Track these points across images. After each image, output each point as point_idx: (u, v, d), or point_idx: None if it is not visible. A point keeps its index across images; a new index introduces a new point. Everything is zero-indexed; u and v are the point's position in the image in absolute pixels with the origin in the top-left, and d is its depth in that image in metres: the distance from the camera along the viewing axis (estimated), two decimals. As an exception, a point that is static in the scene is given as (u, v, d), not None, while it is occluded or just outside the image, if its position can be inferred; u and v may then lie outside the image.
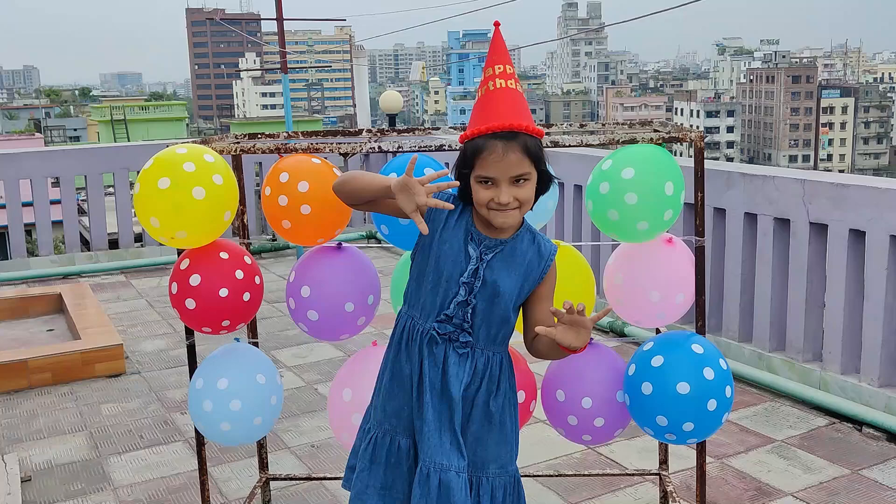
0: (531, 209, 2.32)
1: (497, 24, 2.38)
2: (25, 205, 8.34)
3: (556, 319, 2.22)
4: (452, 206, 2.27)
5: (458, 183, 2.25)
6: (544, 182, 2.29)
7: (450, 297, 2.30)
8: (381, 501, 2.37)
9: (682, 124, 3.46)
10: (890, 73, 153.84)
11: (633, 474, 3.93)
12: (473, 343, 2.33)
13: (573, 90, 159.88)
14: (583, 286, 3.07)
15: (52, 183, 9.05)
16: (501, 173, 2.19)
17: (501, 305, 2.31)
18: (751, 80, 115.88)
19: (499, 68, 2.28)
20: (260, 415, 3.14)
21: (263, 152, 3.22)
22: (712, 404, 2.84)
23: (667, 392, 2.84)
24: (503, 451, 2.41)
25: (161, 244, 4.22)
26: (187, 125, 78.30)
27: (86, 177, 8.64)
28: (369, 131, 3.56)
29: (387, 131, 3.59)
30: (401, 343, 2.39)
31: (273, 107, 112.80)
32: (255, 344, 3.53)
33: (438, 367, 2.32)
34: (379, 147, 3.11)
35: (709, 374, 2.85)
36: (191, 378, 3.21)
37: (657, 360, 2.89)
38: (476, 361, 2.33)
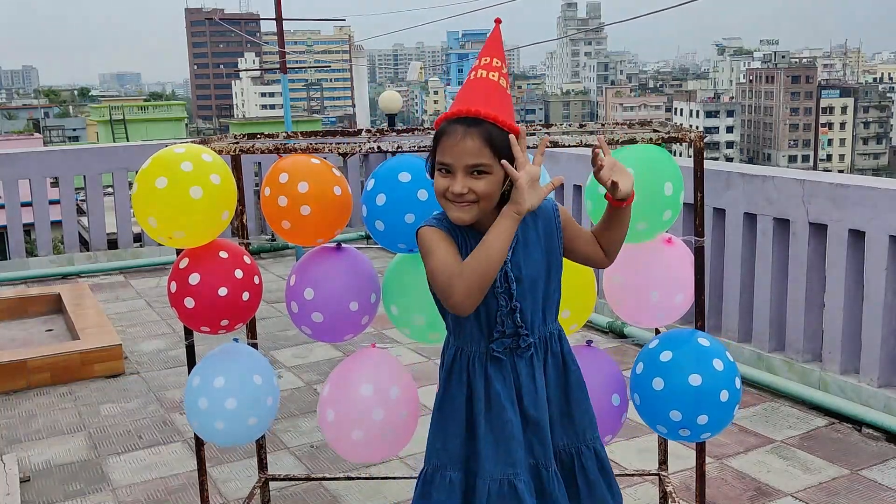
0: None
1: (498, 21, 2.30)
2: (24, 205, 8.33)
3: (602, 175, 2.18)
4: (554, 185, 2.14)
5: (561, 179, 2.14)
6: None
7: (493, 313, 2.23)
8: None
9: (681, 124, 3.46)
10: (889, 74, 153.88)
11: (632, 475, 3.92)
12: (533, 341, 2.27)
13: (573, 90, 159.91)
14: (583, 286, 3.07)
15: (52, 183, 9.05)
16: (457, 159, 2.08)
17: (542, 287, 2.27)
18: (750, 81, 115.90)
19: (485, 60, 2.19)
20: (255, 415, 3.12)
21: (263, 152, 3.22)
22: (724, 395, 2.84)
23: (679, 385, 2.83)
24: (592, 416, 2.41)
25: (160, 244, 4.22)
26: (186, 125, 78.24)
27: (85, 177, 8.64)
28: (368, 131, 3.55)
29: (386, 131, 3.59)
30: (451, 373, 2.32)
31: (272, 107, 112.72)
32: (255, 344, 3.53)
33: (510, 380, 2.26)
34: (378, 147, 3.11)
35: (718, 365, 2.85)
36: (189, 377, 3.21)
37: (666, 356, 2.89)
38: (543, 355, 2.30)
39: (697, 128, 3.20)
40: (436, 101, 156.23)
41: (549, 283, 2.29)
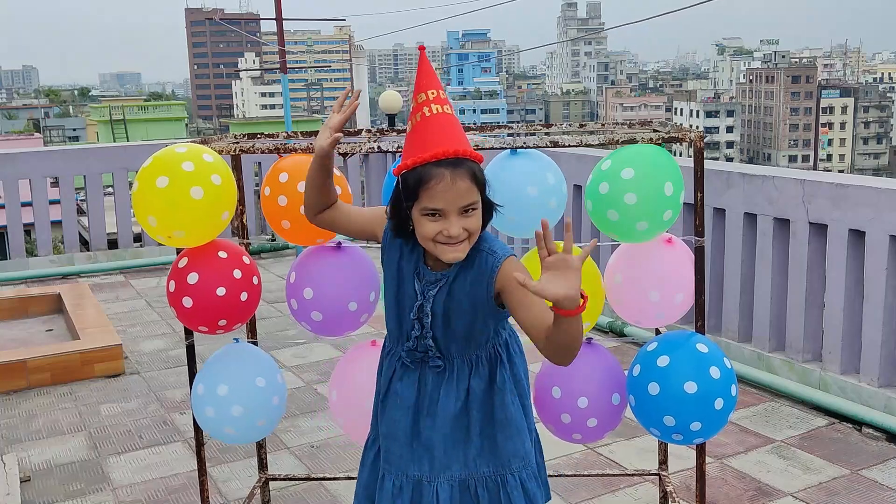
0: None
1: (422, 49, 2.32)
2: (24, 205, 8.33)
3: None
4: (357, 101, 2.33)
5: (357, 93, 2.18)
6: (487, 210, 2.15)
7: (407, 329, 2.26)
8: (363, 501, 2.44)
9: (681, 124, 3.46)
10: (889, 73, 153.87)
11: (632, 474, 3.92)
12: (447, 361, 2.25)
13: (573, 90, 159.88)
14: (584, 286, 3.06)
15: (52, 183, 9.05)
16: (451, 203, 2.05)
17: (460, 328, 2.22)
18: (750, 81, 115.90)
19: (432, 93, 2.15)
20: (263, 417, 3.15)
21: (263, 152, 3.22)
22: (719, 403, 2.84)
23: (674, 392, 2.84)
24: (519, 444, 2.29)
25: (160, 244, 4.23)
26: (186, 125, 78.23)
27: (85, 177, 8.63)
28: (369, 131, 3.55)
29: (386, 131, 3.59)
30: (382, 361, 2.40)
31: (272, 107, 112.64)
32: (254, 344, 3.53)
33: (414, 387, 2.28)
34: (378, 147, 3.11)
35: (715, 373, 2.85)
36: (191, 382, 3.21)
37: (663, 360, 2.89)
38: (457, 373, 2.25)
39: (697, 128, 3.21)
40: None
41: (473, 324, 2.23)
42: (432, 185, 2.05)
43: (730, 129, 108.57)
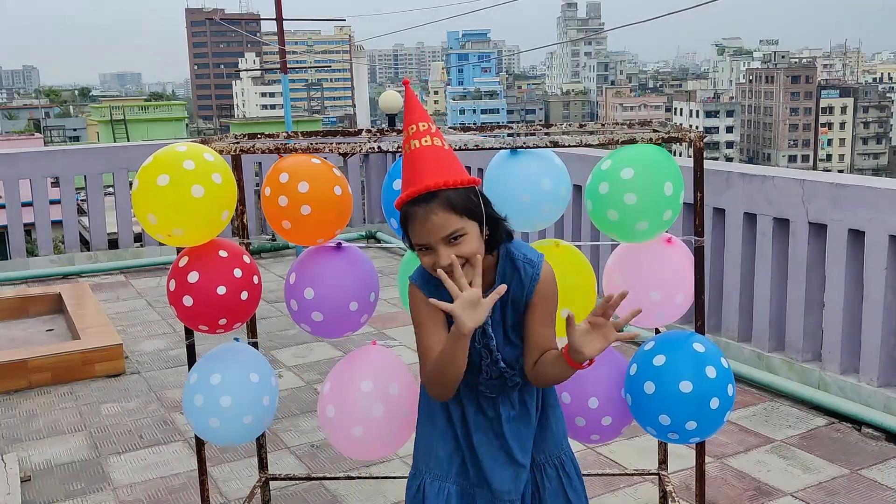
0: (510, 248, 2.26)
1: (406, 83, 2.35)
2: (25, 205, 8.34)
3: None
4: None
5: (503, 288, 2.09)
6: (493, 225, 2.18)
7: (477, 361, 2.29)
8: None
9: (681, 124, 3.47)
10: (889, 74, 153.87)
11: (632, 474, 3.93)
12: (518, 380, 2.33)
13: (573, 90, 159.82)
14: (583, 285, 3.07)
15: (52, 183, 9.05)
16: (431, 237, 2.10)
17: (516, 338, 2.31)
18: (750, 81, 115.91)
19: (412, 128, 2.19)
20: (250, 414, 3.12)
21: (263, 152, 3.23)
22: (715, 403, 2.84)
23: (669, 391, 2.84)
24: (564, 425, 2.49)
25: (161, 244, 4.23)
26: (187, 125, 78.16)
27: (85, 177, 8.65)
28: (369, 131, 3.56)
29: (386, 131, 3.59)
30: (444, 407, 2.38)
31: (273, 107, 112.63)
32: (255, 344, 3.53)
33: (502, 408, 2.34)
34: (378, 147, 3.11)
35: (711, 372, 2.85)
36: (190, 376, 3.21)
37: (659, 360, 2.89)
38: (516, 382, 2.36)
39: (697, 128, 3.21)
40: (436, 101, 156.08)
41: (521, 325, 2.32)
42: (411, 224, 2.14)
43: (729, 130, 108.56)
